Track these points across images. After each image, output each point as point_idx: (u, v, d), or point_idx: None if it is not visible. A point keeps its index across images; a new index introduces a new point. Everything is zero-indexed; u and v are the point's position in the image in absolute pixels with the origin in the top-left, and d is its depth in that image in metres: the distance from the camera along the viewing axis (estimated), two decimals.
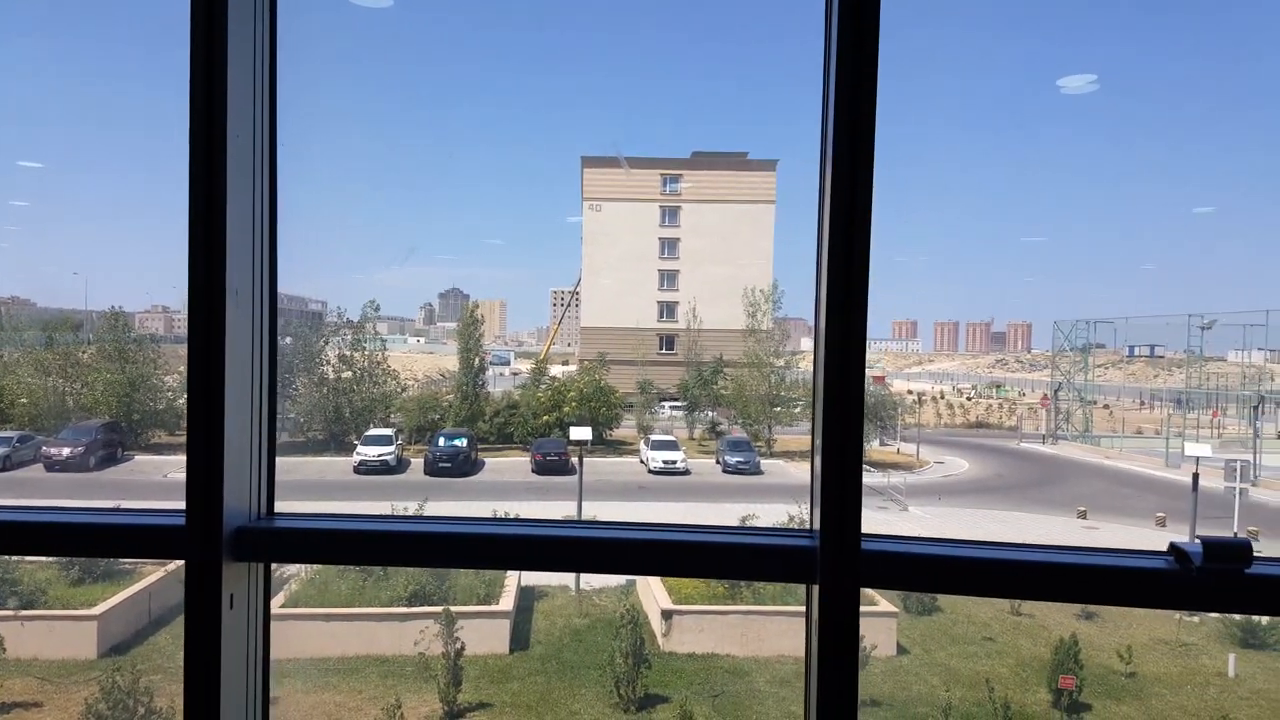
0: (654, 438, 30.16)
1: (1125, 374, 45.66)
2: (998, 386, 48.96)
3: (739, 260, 37.32)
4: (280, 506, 2.15)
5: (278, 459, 2.17)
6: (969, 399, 45.75)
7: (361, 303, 33.34)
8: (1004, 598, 12.03)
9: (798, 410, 33.44)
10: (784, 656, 15.36)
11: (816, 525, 1.99)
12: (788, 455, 32.88)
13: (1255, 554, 1.82)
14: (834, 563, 1.86)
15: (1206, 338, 31.30)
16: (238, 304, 1.98)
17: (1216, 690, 14.34)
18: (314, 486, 25.81)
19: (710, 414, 34.81)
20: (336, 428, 30.48)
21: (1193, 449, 21.86)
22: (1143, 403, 42.11)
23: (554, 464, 27.67)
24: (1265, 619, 15.41)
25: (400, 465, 28.37)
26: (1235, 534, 20.31)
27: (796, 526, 18.86)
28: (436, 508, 21.08)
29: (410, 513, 16.95)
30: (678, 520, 2.55)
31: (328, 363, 31.56)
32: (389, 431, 29.16)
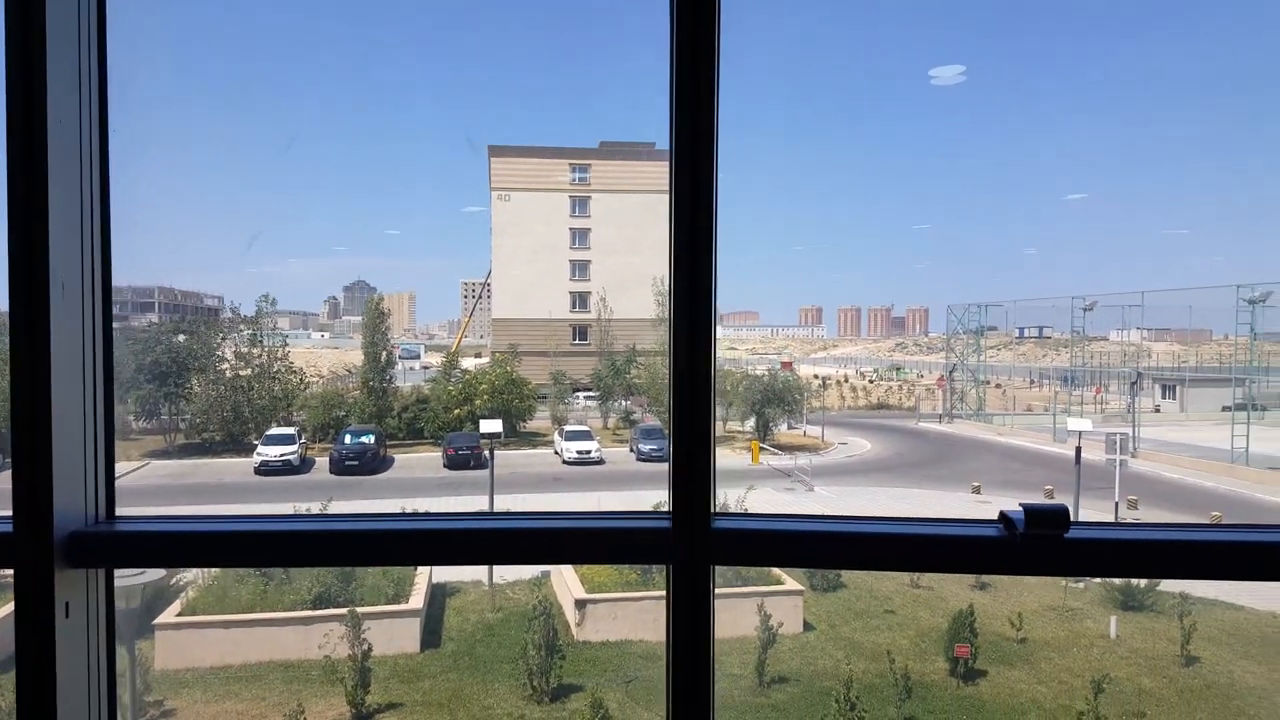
0: (568, 428, 30.12)
1: (1015, 354, 47.90)
2: (898, 369, 50.68)
3: (649, 250, 37.50)
4: (174, 511, 2.06)
5: (174, 462, 2.08)
6: (871, 382, 47.21)
7: (261, 298, 32.12)
8: (845, 569, 12.51)
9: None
10: None
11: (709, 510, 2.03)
12: None
13: (1126, 520, 1.94)
14: (686, 542, 1.90)
15: (1089, 319, 33.11)
16: (65, 297, 1.89)
17: (1099, 651, 15.23)
18: (211, 490, 24.85)
19: (624, 403, 34.96)
20: (235, 428, 29.39)
21: (1075, 424, 23.11)
22: (1032, 381, 44.23)
23: (466, 458, 27.34)
24: (1143, 581, 16.43)
25: (304, 465, 27.57)
26: (1117, 503, 21.59)
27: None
28: (343, 507, 20.59)
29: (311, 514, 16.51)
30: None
31: (225, 360, 30.38)
32: (291, 430, 28.28)
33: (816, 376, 44.71)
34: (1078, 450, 20.45)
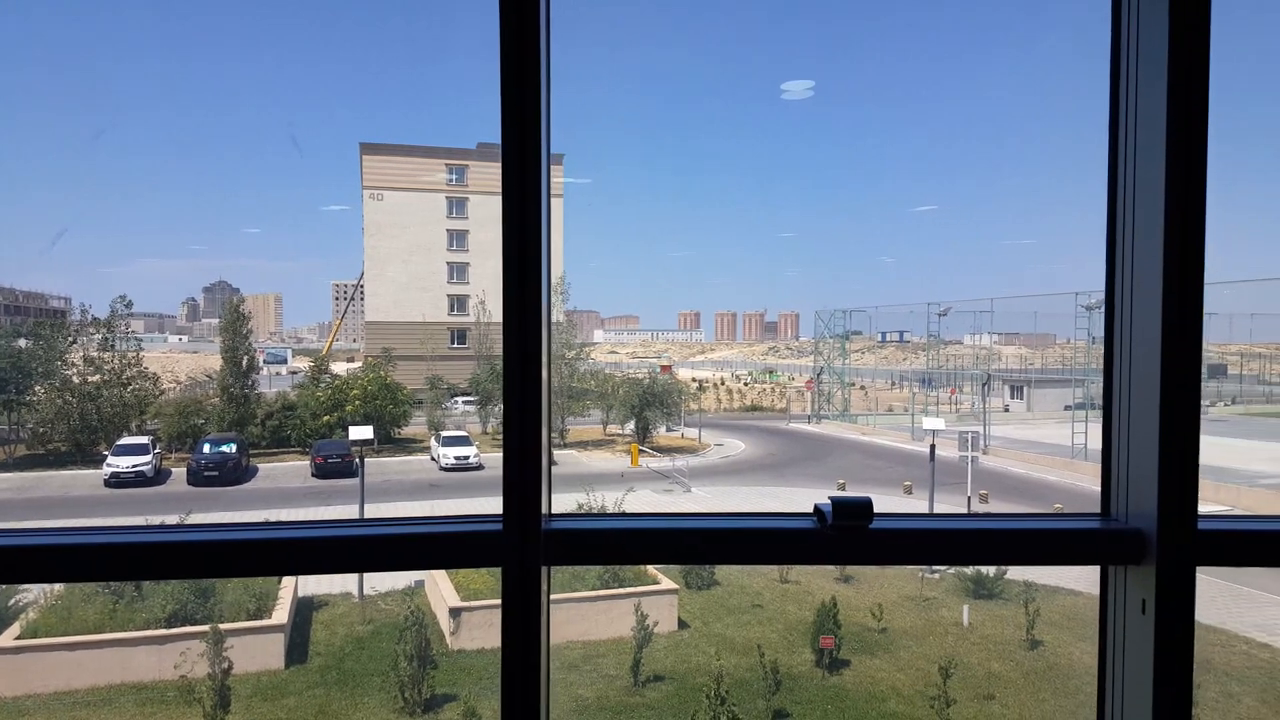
0: (446, 434, 29.57)
1: (878, 358, 50.28)
2: (770, 372, 52.25)
3: None
4: (14, 527, 1.95)
5: (14, 474, 1.96)
6: (746, 384, 48.50)
7: (113, 299, 30.08)
8: (675, 563, 12.89)
9: (588, 400, 34.02)
10: (572, 642, 15.64)
11: (544, 510, 2.09)
12: (581, 445, 33.37)
13: (981, 512, 2.11)
14: (518, 544, 1.95)
15: (944, 323, 35.15)
16: None
17: (954, 639, 16.16)
18: (56, 504, 23.11)
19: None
20: (83, 438, 27.45)
21: (929, 423, 24.47)
22: (893, 383, 46.54)
23: (336, 466, 26.42)
24: (992, 570, 17.55)
25: (160, 476, 26.02)
26: (969, 497, 22.97)
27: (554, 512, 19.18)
28: (201, 520, 19.55)
29: None
30: None
31: (72, 365, 28.32)
32: (144, 440, 26.62)
33: (695, 380, 45.56)
34: (932, 448, 21.68)
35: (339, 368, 35.27)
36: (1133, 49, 2.07)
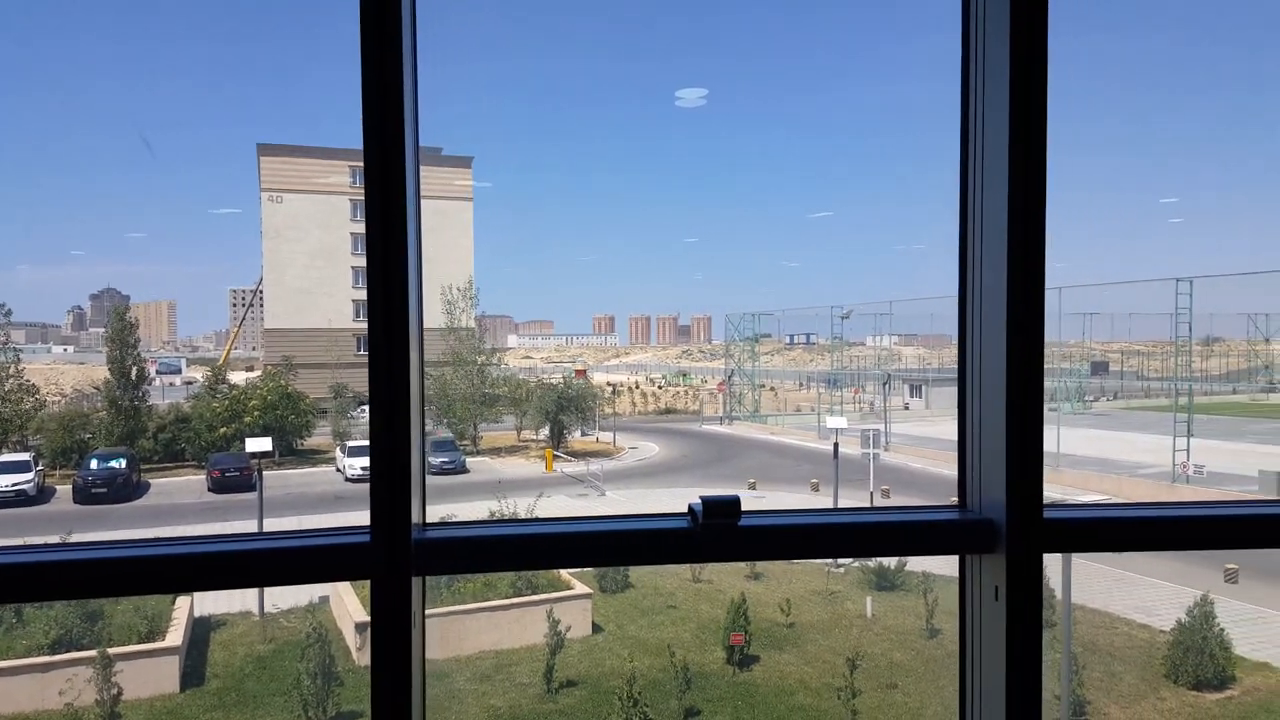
0: (351, 444, 28.79)
1: (787, 359, 51.40)
2: (684, 375, 52.80)
3: (438, 257, 36.71)
4: None
5: None
6: (660, 387, 48.86)
7: None
8: (548, 568, 13.01)
9: (501, 406, 33.70)
10: (484, 653, 15.45)
11: (416, 519, 2.06)
12: (494, 451, 33.02)
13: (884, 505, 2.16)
14: (386, 555, 1.92)
15: (847, 326, 36.21)
16: None
17: (858, 630, 16.62)
18: None
19: None
20: None
21: (833, 422, 25.14)
22: (801, 384, 47.63)
23: (235, 480, 25.42)
24: (893, 562, 18.11)
25: (43, 495, 24.56)
26: (872, 492, 23.67)
27: (499, 516, 18.98)
28: (83, 539, 18.51)
29: None
30: None
31: None
32: (25, 456, 25.08)
33: (609, 384, 45.63)
34: (835, 446, 22.30)
35: (237, 377, 33.97)
36: (979, 73, 2.18)
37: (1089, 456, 27.32)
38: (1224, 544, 2.39)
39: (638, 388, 48.05)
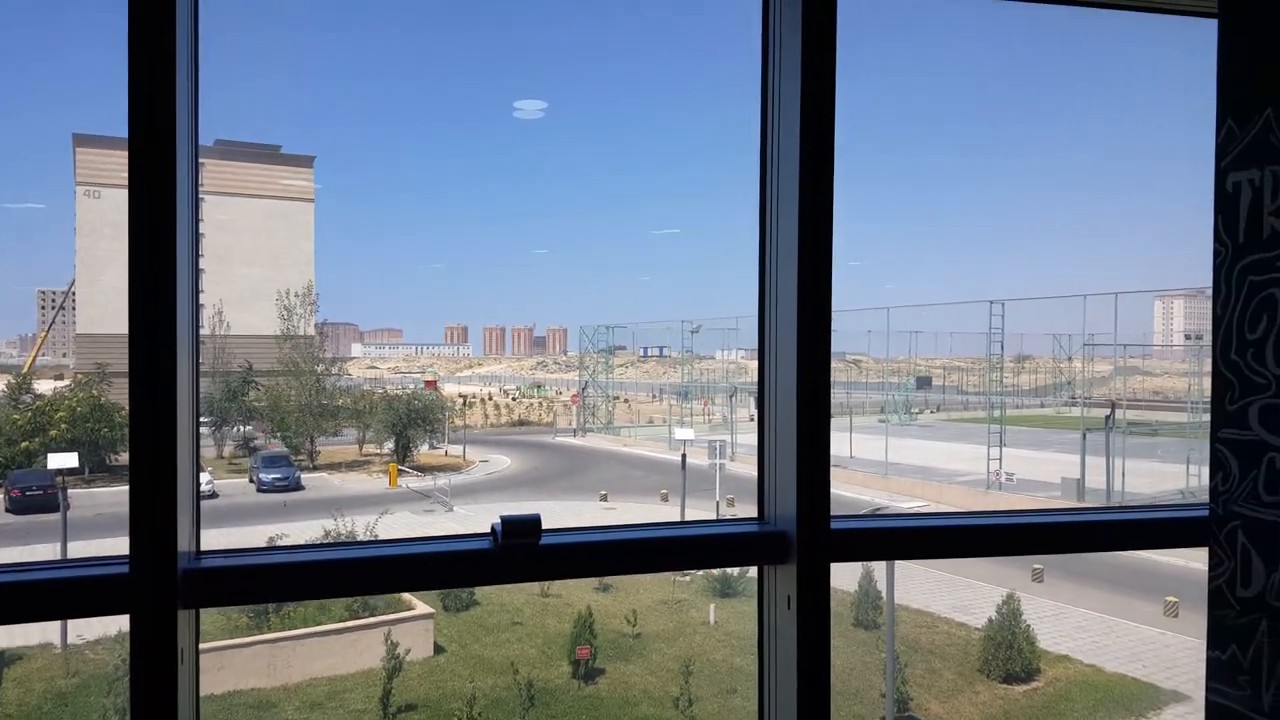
0: None
1: (640, 371, 52.11)
2: (538, 387, 52.48)
3: (273, 260, 34.91)
4: None
5: None
6: (514, 399, 48.35)
7: None
8: (340, 596, 12.85)
9: (341, 419, 32.35)
10: (315, 679, 14.72)
11: (187, 547, 1.91)
12: (333, 467, 31.60)
13: (725, 515, 2.15)
14: (150, 589, 1.78)
15: (697, 340, 37.15)
16: None
17: (701, 637, 16.98)
18: None
19: (242, 429, 32.01)
20: None
21: (680, 434, 25.70)
22: (654, 396, 48.34)
23: (38, 500, 23.10)
24: (735, 570, 18.62)
25: None
26: (718, 502, 24.30)
27: (330, 539, 18.19)
28: None
29: None
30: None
31: None
32: None
33: (461, 395, 44.72)
34: (683, 457, 22.79)
35: (44, 386, 30.98)
36: (775, 109, 2.27)
37: (914, 465, 29.16)
38: (994, 551, 2.58)
39: (491, 399, 47.35)
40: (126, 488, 1.77)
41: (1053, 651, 16.11)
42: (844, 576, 18.14)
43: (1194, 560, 17.71)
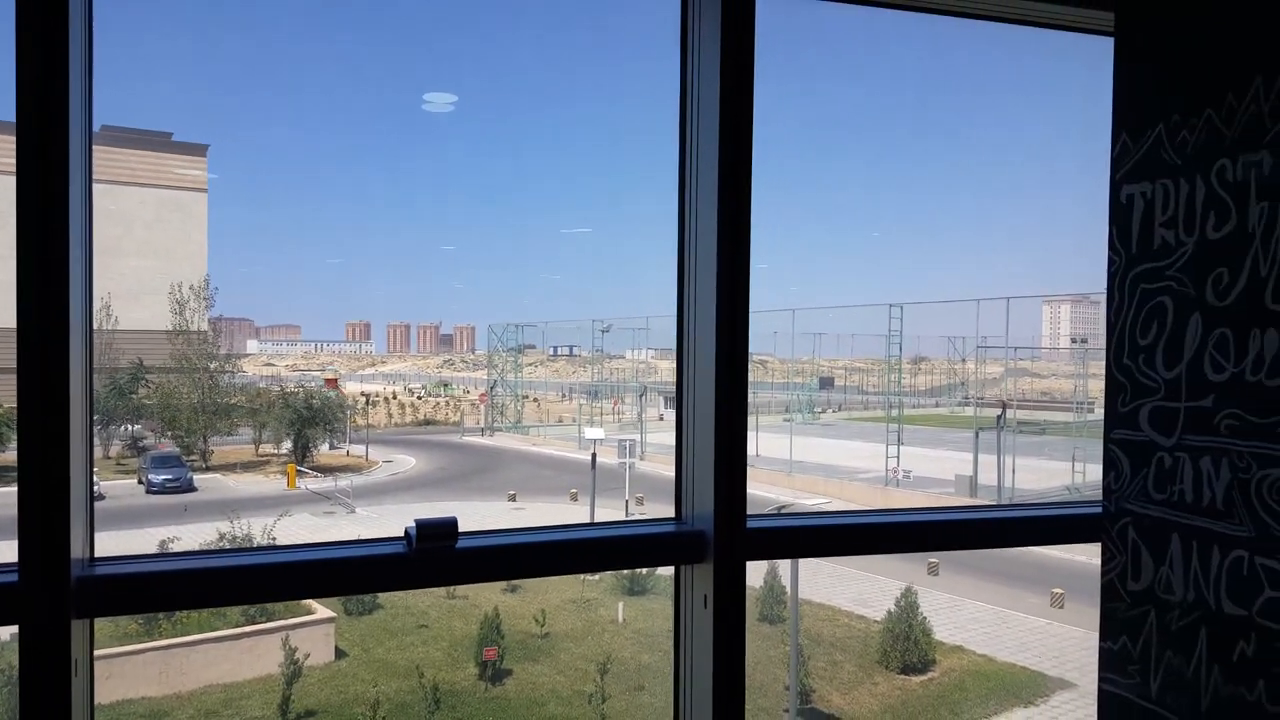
0: None
1: (550, 371, 51.79)
2: (445, 385, 51.49)
3: (165, 252, 33.28)
4: None
5: None
6: (419, 398, 47.36)
7: None
8: (244, 604, 12.62)
9: (236, 418, 31.09)
10: (211, 686, 14.13)
11: (80, 554, 1.79)
12: (228, 468, 30.35)
13: (635, 515, 2.12)
14: (37, 597, 1.67)
15: (608, 339, 37.22)
16: None
17: (610, 635, 17.00)
18: None
19: (131, 428, 30.42)
20: None
21: (591, 433, 25.70)
22: (564, 395, 48.15)
23: None
24: (645, 570, 18.74)
25: None
26: (627, 500, 24.39)
27: (229, 544, 17.48)
28: None
29: None
30: None
31: None
32: None
33: (364, 394, 43.57)
34: (593, 456, 22.80)
35: None
36: (693, 115, 2.29)
37: (817, 463, 29.94)
38: (903, 548, 2.67)
39: (395, 398, 46.24)
40: (14, 489, 1.66)
41: (948, 642, 16.77)
42: (750, 572, 18.48)
43: (1079, 554, 18.75)
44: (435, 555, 2.00)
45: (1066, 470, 27.45)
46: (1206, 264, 1.64)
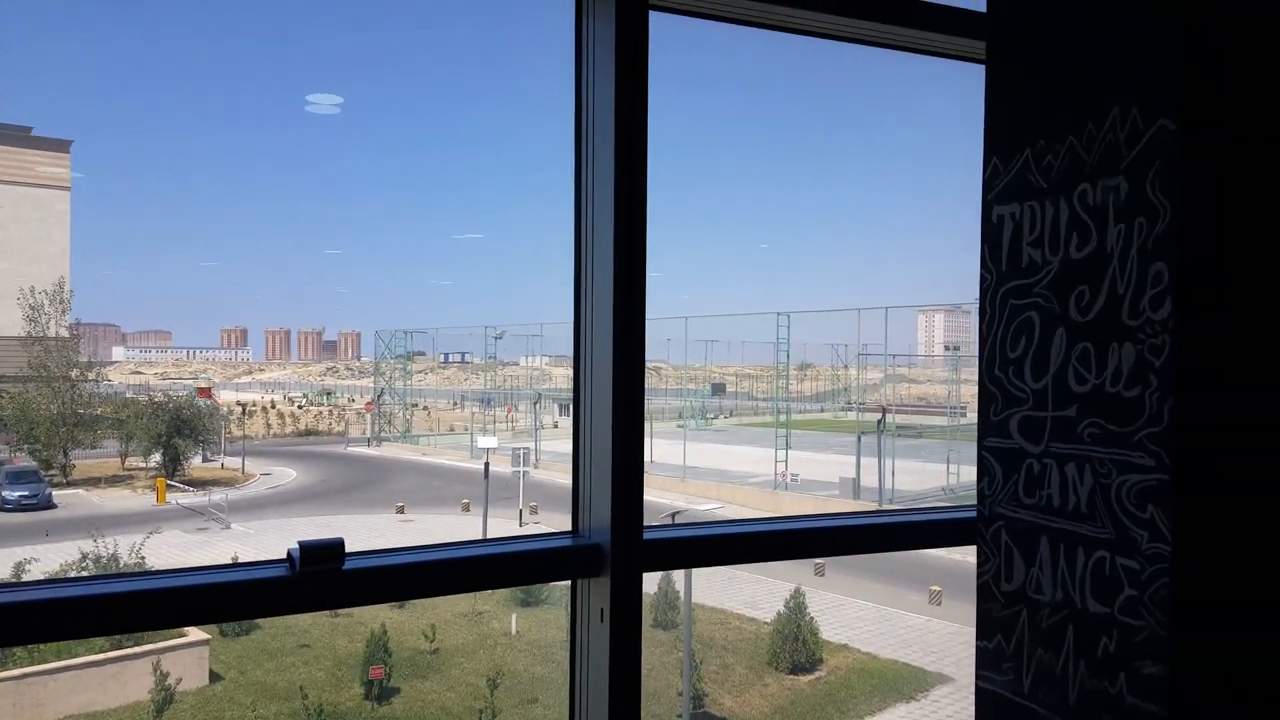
0: None
1: (441, 378, 50.78)
2: (328, 394, 49.76)
3: (19, 254, 30.99)
4: None
5: None
6: (300, 407, 45.60)
7: None
8: (97, 636, 12.23)
9: (100, 429, 29.18)
10: (72, 717, 13.20)
11: None
12: (92, 482, 28.43)
13: (529, 524, 2.04)
14: None
15: (501, 346, 36.81)
16: None
17: (503, 648, 16.76)
18: None
19: None
20: None
21: (483, 442, 25.33)
22: (455, 403, 47.29)
23: None
24: None
25: None
26: (521, 510, 24.13)
27: (92, 564, 16.36)
28: None
29: None
30: None
31: None
32: None
33: (239, 403, 41.66)
34: (486, 465, 22.47)
35: None
36: (588, 120, 2.29)
37: (710, 468, 30.43)
38: (794, 554, 2.73)
39: (274, 407, 44.34)
40: None
41: (834, 641, 17.30)
42: (645, 579, 18.58)
43: (955, 552, 19.68)
44: (320, 578, 1.92)
45: (942, 472, 28.80)
46: (1070, 282, 1.74)
